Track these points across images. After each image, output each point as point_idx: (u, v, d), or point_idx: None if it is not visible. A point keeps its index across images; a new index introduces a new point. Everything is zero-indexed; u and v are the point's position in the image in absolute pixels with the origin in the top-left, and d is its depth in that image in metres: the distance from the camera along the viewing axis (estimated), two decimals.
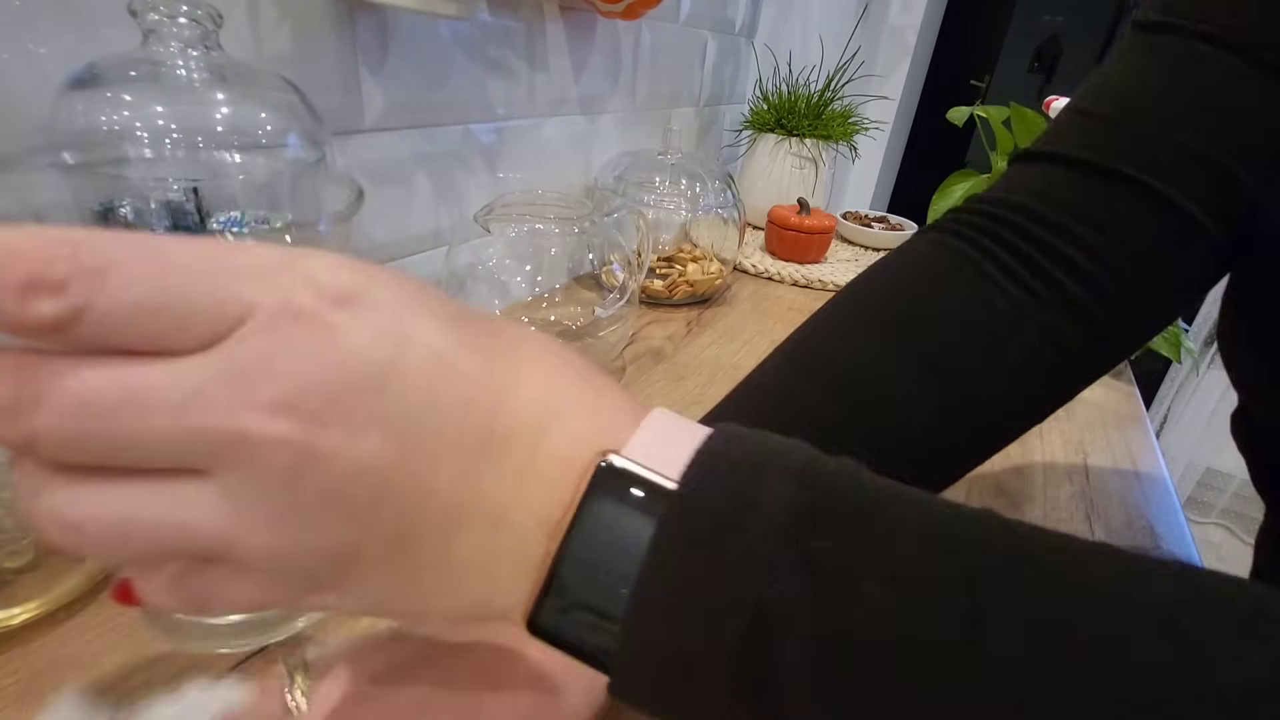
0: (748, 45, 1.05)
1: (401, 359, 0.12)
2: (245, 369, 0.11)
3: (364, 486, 0.12)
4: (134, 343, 0.11)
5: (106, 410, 0.11)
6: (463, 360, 0.13)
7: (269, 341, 0.12)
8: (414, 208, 0.55)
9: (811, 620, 0.13)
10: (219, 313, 0.12)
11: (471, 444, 0.13)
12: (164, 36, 0.30)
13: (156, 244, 0.12)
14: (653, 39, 0.79)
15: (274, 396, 0.11)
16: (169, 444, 0.11)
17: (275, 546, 0.12)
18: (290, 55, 0.42)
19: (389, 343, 0.12)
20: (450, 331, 0.13)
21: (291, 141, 0.34)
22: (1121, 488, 0.47)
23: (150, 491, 0.12)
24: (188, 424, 0.11)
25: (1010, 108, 0.76)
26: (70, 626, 0.29)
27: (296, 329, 0.12)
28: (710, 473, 0.14)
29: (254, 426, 0.11)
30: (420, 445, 0.12)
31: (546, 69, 0.64)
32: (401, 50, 0.49)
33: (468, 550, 0.13)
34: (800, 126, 0.93)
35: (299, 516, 0.12)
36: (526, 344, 0.15)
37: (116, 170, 0.30)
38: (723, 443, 0.14)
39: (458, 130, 0.56)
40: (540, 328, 0.59)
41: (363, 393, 0.12)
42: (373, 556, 0.13)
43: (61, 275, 0.11)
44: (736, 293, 0.78)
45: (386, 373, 0.12)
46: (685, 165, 0.73)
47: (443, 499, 0.13)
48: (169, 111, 0.30)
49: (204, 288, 0.11)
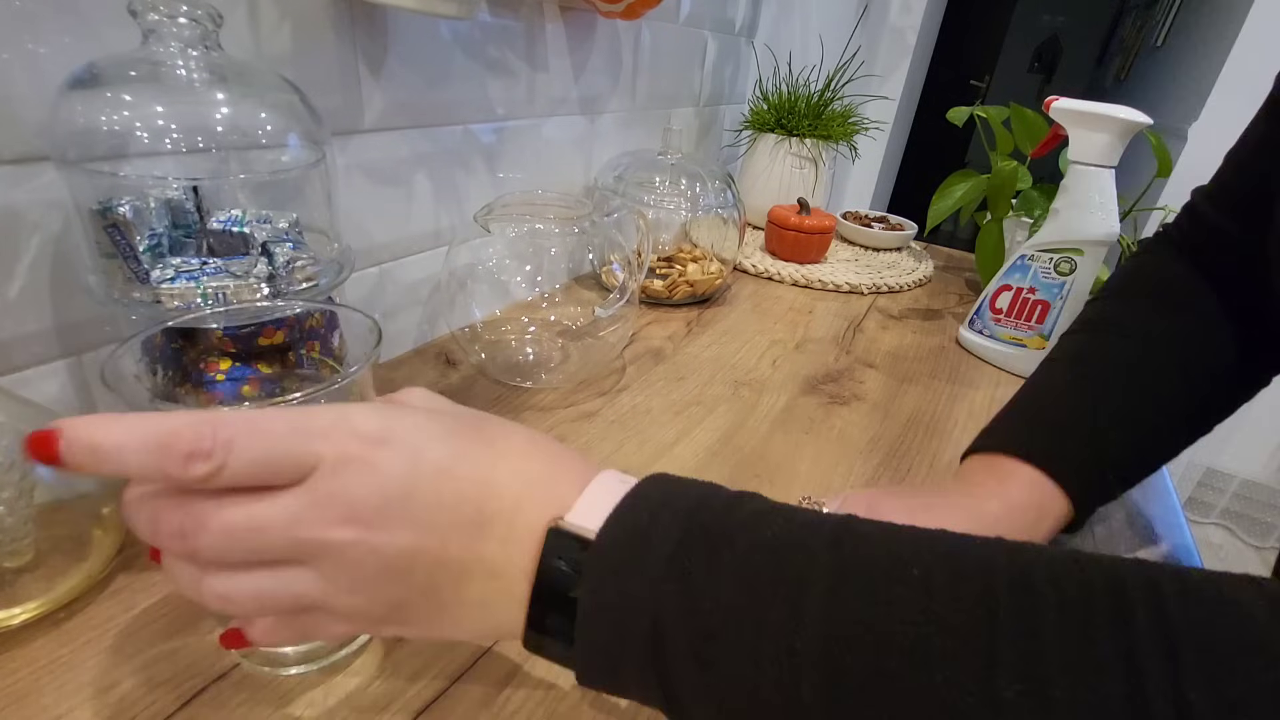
0: (748, 45, 1.05)
1: (418, 474, 0.20)
2: (322, 499, 0.19)
3: (403, 561, 0.20)
4: (249, 484, 0.18)
5: (242, 533, 0.19)
6: (458, 467, 0.20)
7: (334, 479, 0.19)
8: (414, 208, 0.55)
9: (686, 621, 0.19)
10: (301, 463, 0.19)
11: (468, 524, 0.20)
12: (164, 36, 0.30)
13: (259, 419, 0.19)
14: (653, 39, 0.79)
15: (342, 514, 0.19)
16: (282, 549, 0.19)
17: (354, 603, 0.20)
18: (290, 55, 0.42)
19: (409, 466, 0.20)
20: (449, 446, 0.21)
21: (292, 141, 0.34)
22: None
23: (273, 576, 0.19)
24: (291, 536, 0.19)
25: (1010, 108, 0.76)
26: (70, 626, 0.29)
27: (350, 469, 0.19)
28: (619, 521, 0.20)
29: (333, 535, 0.19)
30: (434, 531, 0.20)
31: (546, 69, 0.64)
32: (401, 50, 0.49)
33: (476, 595, 0.21)
34: (800, 126, 0.93)
35: (366, 585, 0.20)
36: (504, 439, 0.22)
37: (116, 169, 0.30)
38: (632, 498, 0.21)
39: (458, 130, 0.56)
40: (540, 328, 0.59)
41: (395, 504, 0.19)
42: (413, 603, 0.20)
43: (208, 448, 0.17)
44: (736, 293, 0.78)
45: (408, 488, 0.19)
46: (685, 165, 0.73)
47: (453, 563, 0.20)
48: (169, 111, 0.30)
49: (290, 447, 0.19)
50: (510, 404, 0.50)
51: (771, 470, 0.45)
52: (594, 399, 0.52)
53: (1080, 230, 0.59)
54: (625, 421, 0.49)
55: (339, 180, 0.47)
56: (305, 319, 0.33)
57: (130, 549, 0.33)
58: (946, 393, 0.59)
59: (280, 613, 0.21)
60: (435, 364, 0.56)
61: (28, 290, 0.33)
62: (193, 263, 0.31)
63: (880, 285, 0.82)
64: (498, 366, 0.54)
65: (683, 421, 0.50)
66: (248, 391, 0.32)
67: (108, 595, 0.31)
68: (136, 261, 0.30)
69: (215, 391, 0.32)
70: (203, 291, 0.30)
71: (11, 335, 0.33)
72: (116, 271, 0.31)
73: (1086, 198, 0.58)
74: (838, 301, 0.78)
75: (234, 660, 0.28)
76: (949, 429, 0.53)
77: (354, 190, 0.49)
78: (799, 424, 0.51)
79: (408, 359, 0.56)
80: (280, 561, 0.19)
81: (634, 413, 0.51)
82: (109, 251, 0.30)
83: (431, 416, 0.21)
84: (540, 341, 0.58)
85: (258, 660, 0.28)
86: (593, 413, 0.50)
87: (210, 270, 0.31)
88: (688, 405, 0.52)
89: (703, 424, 0.50)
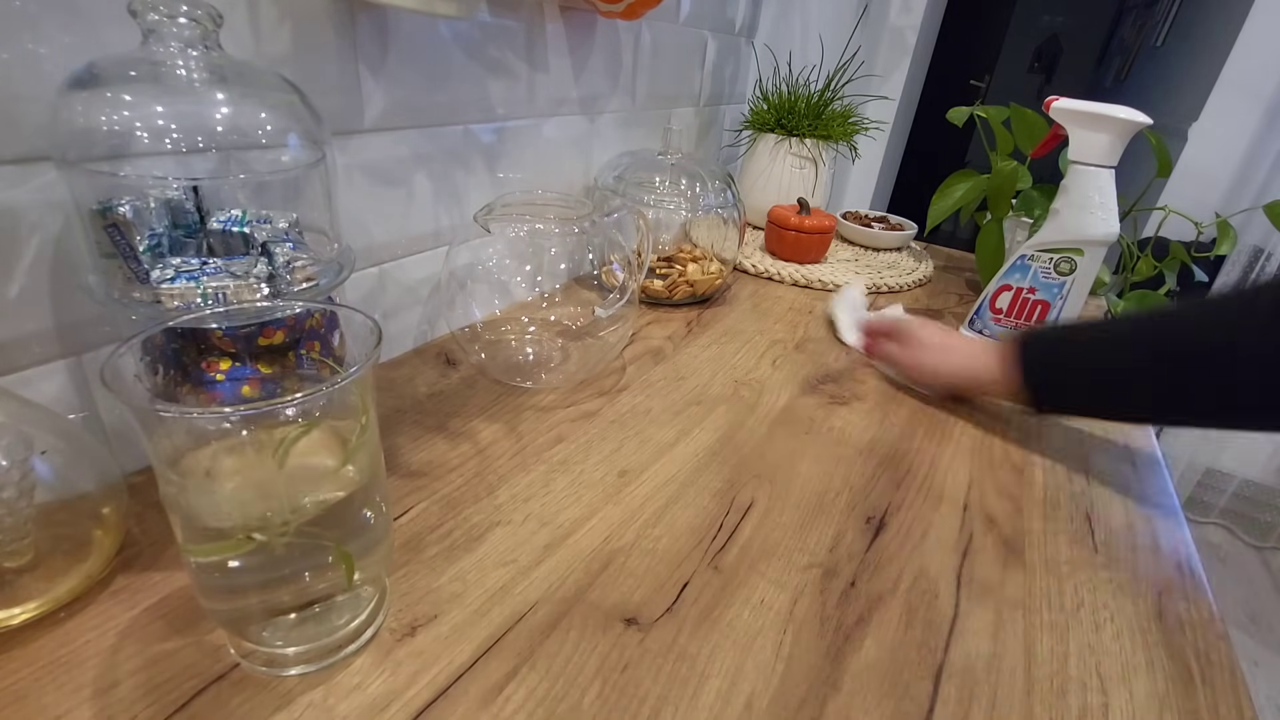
0: (748, 45, 1.05)
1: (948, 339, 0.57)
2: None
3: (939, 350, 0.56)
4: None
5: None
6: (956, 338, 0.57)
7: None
8: (414, 208, 0.55)
9: (1081, 361, 0.47)
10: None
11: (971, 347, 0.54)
12: (164, 36, 0.30)
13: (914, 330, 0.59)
14: (653, 39, 0.79)
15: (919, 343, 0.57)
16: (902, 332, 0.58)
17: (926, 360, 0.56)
18: (290, 55, 0.42)
19: (944, 337, 0.57)
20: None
21: (291, 141, 0.34)
22: (1122, 488, 0.47)
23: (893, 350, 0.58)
24: (906, 329, 0.58)
25: (1010, 108, 0.76)
26: (70, 626, 0.29)
27: (925, 330, 0.61)
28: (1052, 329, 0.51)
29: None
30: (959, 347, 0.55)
31: (546, 69, 0.64)
32: (402, 50, 0.49)
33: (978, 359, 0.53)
34: (800, 126, 0.93)
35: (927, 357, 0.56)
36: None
37: (116, 169, 0.30)
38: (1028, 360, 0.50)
39: (458, 130, 0.56)
40: (540, 328, 0.59)
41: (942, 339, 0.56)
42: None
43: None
44: (736, 293, 0.78)
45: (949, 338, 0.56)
46: (685, 165, 0.73)
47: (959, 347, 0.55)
48: (169, 111, 0.30)
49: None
50: (510, 404, 0.50)
51: (771, 470, 0.45)
52: (594, 399, 0.52)
53: (1080, 230, 0.59)
54: (625, 421, 0.49)
55: (339, 180, 0.47)
56: (305, 319, 0.33)
57: (130, 549, 0.33)
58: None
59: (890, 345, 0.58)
60: (435, 364, 0.56)
61: (28, 290, 0.33)
62: (193, 263, 0.31)
63: (880, 285, 0.82)
64: (498, 366, 0.54)
65: (683, 421, 0.50)
66: (248, 391, 0.32)
67: (108, 595, 0.31)
68: (136, 261, 0.30)
69: (215, 391, 0.32)
70: (203, 291, 0.30)
71: (11, 335, 0.33)
72: (116, 271, 0.31)
73: (1086, 198, 0.58)
74: None
75: (234, 661, 0.28)
76: (950, 429, 0.53)
77: (354, 190, 0.49)
78: (799, 424, 0.51)
79: (408, 359, 0.56)
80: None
81: (634, 412, 0.51)
82: (109, 251, 0.30)
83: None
84: (540, 341, 0.58)
85: (258, 661, 0.28)
86: (593, 412, 0.50)
87: (210, 270, 0.31)
88: (688, 405, 0.52)
89: (702, 424, 0.50)
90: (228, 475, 0.26)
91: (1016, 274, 0.63)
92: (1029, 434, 0.53)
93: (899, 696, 0.30)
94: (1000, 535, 0.41)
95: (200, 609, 0.30)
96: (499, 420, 0.48)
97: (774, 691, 0.29)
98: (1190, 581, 0.39)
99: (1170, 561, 0.40)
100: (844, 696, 0.29)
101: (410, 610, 0.32)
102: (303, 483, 0.27)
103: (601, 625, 0.32)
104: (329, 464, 0.27)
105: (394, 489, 0.40)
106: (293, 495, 0.26)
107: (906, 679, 0.31)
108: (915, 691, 0.30)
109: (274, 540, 0.25)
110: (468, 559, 0.35)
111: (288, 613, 0.27)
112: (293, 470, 0.26)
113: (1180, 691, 0.31)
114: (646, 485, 0.42)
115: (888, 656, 0.32)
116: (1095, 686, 0.31)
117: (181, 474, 0.25)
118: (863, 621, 0.34)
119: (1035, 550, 0.40)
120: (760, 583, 0.35)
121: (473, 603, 0.32)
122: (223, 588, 0.27)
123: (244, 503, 0.26)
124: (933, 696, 0.30)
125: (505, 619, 0.32)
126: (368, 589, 0.30)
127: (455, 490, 0.40)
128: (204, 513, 0.25)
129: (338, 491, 0.27)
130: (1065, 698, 0.30)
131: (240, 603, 0.27)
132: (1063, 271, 0.61)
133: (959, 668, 0.31)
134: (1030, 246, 0.62)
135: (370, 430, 0.27)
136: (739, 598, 0.34)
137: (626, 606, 0.33)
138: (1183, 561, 0.40)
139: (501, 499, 0.40)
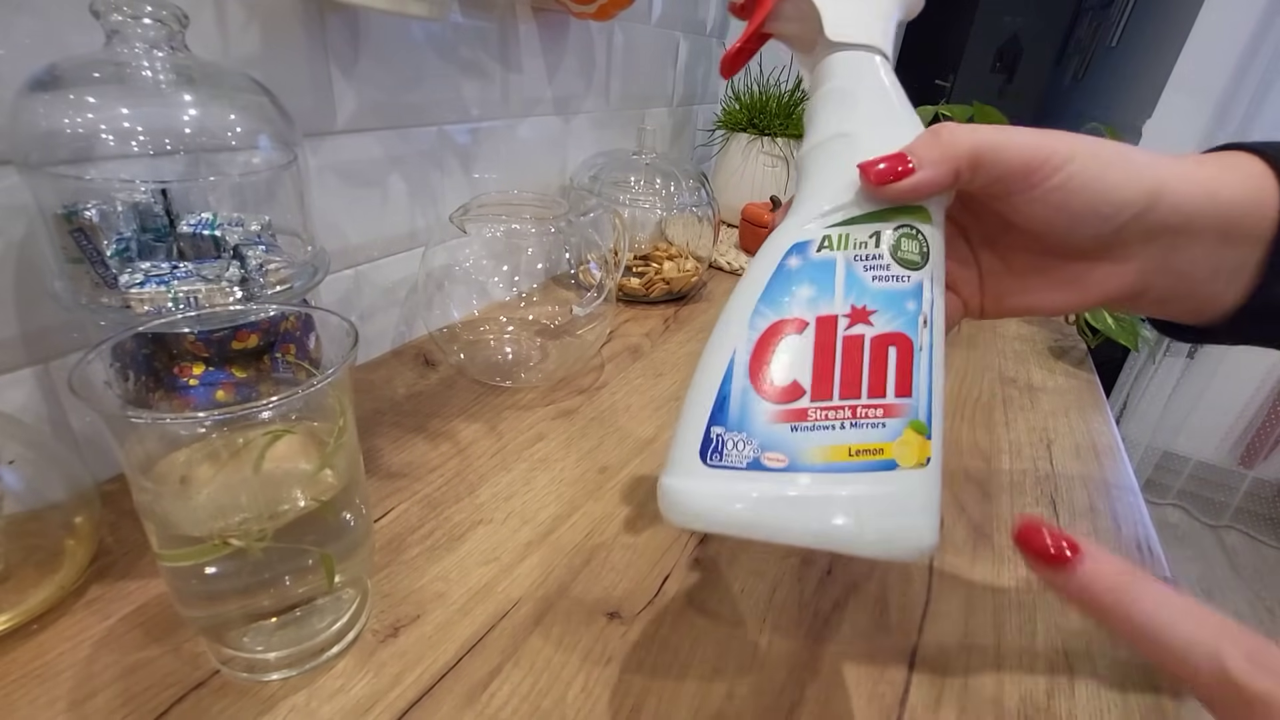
0: (719, 46, 1.06)
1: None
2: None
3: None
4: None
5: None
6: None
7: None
8: (389, 209, 0.54)
9: None
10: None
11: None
12: (128, 37, 0.29)
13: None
14: (625, 40, 0.79)
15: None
16: None
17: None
18: (259, 56, 0.41)
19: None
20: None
21: (262, 143, 0.34)
22: (1084, 471, 0.49)
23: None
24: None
25: (974, 106, 0.78)
26: (44, 638, 0.29)
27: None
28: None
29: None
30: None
31: (520, 70, 0.64)
32: (373, 51, 0.48)
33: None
34: (772, 126, 0.94)
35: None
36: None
37: (81, 173, 0.30)
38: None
39: (432, 131, 0.56)
40: (518, 327, 0.59)
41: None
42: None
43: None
44: (712, 289, 0.78)
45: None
46: (659, 165, 0.73)
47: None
48: (135, 114, 0.30)
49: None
50: (490, 403, 0.50)
51: None
52: (573, 397, 0.52)
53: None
54: (604, 418, 0.50)
55: (312, 182, 0.47)
56: (280, 322, 0.33)
57: (104, 558, 0.33)
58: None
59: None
60: (414, 365, 0.55)
61: None
62: (163, 267, 0.31)
63: None
64: (477, 366, 0.54)
65: (662, 417, 0.51)
66: (222, 396, 0.32)
67: (82, 606, 0.30)
68: (104, 266, 0.30)
69: (189, 396, 0.31)
70: (173, 296, 0.30)
71: None
72: (84, 277, 0.30)
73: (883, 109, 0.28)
74: None
75: (214, 668, 0.28)
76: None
77: (328, 192, 0.49)
78: None
79: (386, 360, 0.56)
80: None
81: (613, 409, 0.51)
82: (75, 256, 0.30)
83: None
84: (519, 341, 0.58)
85: (238, 667, 0.28)
86: (572, 410, 0.50)
87: (181, 274, 0.30)
88: (666, 401, 0.53)
89: None
90: (203, 481, 0.26)
91: (805, 283, 0.25)
92: (994, 422, 0.54)
93: (875, 680, 0.31)
94: (970, 521, 0.42)
95: (178, 617, 0.30)
96: (479, 420, 0.48)
97: (754, 679, 0.30)
98: (1150, 560, 0.40)
99: (1131, 541, 0.42)
100: (822, 681, 0.30)
101: (393, 611, 0.32)
102: (280, 487, 0.27)
103: (585, 620, 0.32)
104: (306, 468, 0.27)
105: (374, 490, 0.40)
106: (270, 500, 0.26)
107: (882, 662, 0.32)
108: (891, 675, 0.31)
109: (252, 546, 0.25)
110: (450, 558, 0.35)
111: (268, 617, 0.27)
112: (269, 475, 0.26)
113: (1142, 663, 0.33)
114: (627, 480, 0.43)
115: (864, 641, 0.33)
116: (1062, 664, 0.32)
117: (155, 481, 0.25)
118: (839, 608, 0.34)
119: (1003, 534, 0.41)
120: (740, 573, 0.36)
121: (455, 602, 0.33)
122: (201, 594, 0.26)
123: (220, 508, 0.26)
124: (908, 678, 0.31)
125: (488, 617, 0.32)
126: (349, 591, 0.30)
127: (436, 490, 0.40)
128: (179, 520, 0.25)
129: (316, 495, 0.27)
130: (1034, 674, 0.32)
131: (219, 609, 0.27)
132: (910, 262, 0.26)
133: (933, 650, 0.33)
134: (816, 220, 0.25)
135: (348, 433, 0.27)
136: (719, 588, 0.35)
137: (609, 601, 0.34)
138: (1142, 541, 0.42)
139: (483, 498, 0.40)
